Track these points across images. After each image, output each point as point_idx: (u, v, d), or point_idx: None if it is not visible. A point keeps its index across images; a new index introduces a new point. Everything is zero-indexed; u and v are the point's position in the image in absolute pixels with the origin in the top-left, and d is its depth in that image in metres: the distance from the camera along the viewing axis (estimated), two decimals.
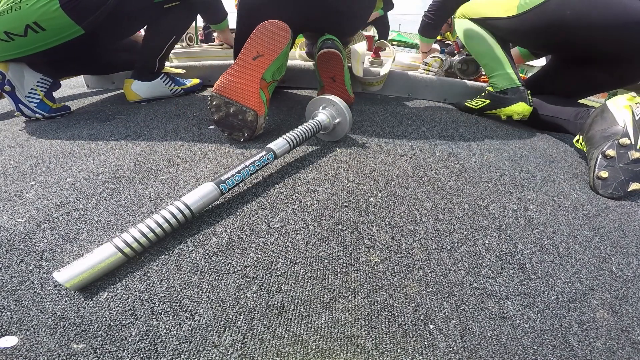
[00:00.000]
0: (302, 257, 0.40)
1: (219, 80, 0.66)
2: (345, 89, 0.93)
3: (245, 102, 0.66)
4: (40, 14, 0.69)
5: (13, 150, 0.66)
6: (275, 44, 0.71)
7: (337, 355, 0.30)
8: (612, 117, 0.73)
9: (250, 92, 0.67)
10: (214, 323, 0.32)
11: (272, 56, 0.70)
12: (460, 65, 1.32)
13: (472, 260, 0.43)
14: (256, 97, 0.66)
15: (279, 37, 0.71)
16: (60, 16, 0.70)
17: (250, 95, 0.67)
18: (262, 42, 0.70)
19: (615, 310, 0.38)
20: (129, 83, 0.97)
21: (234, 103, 0.66)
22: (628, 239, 0.52)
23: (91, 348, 0.29)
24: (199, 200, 0.43)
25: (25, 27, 0.70)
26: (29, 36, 0.71)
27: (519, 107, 0.98)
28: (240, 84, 0.67)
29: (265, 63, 0.69)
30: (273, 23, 0.72)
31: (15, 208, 0.47)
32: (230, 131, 0.71)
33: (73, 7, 0.70)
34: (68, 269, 0.33)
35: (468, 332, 0.33)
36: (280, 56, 0.72)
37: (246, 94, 0.67)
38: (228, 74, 0.67)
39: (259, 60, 0.69)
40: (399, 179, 0.60)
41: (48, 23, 0.70)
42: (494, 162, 0.72)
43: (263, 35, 0.71)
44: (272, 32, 0.71)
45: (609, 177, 0.64)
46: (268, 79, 0.72)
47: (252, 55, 0.69)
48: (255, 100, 0.66)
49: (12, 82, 0.80)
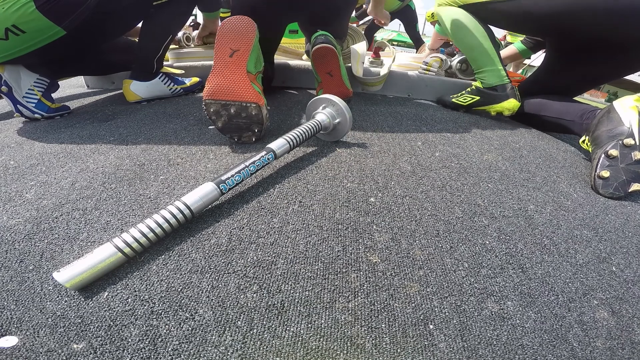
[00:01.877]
0: (302, 257, 0.40)
1: (206, 86, 0.65)
2: (343, 83, 0.93)
3: (243, 98, 0.64)
4: (17, 17, 0.68)
5: (13, 150, 0.66)
6: (245, 36, 0.69)
7: (337, 355, 0.30)
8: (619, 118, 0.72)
9: (243, 87, 0.65)
10: (214, 323, 0.32)
11: (247, 48, 0.68)
12: (460, 65, 1.32)
13: (472, 260, 0.43)
14: (251, 90, 0.65)
15: (245, 29, 0.69)
16: (38, 18, 0.69)
17: (244, 89, 0.65)
18: (231, 38, 0.68)
19: (615, 310, 0.38)
20: (127, 83, 0.97)
21: (232, 103, 0.65)
22: (628, 239, 0.52)
23: (91, 348, 0.29)
24: (199, 200, 0.43)
25: (4, 30, 0.69)
26: (11, 39, 0.70)
27: (510, 103, 0.99)
28: (229, 83, 0.65)
29: (243, 56, 0.67)
30: (234, 19, 0.69)
31: (15, 208, 0.47)
32: (239, 134, 0.69)
33: (50, 8, 0.69)
34: (68, 269, 0.33)
35: (468, 332, 0.33)
36: (255, 47, 0.70)
37: (240, 90, 0.65)
38: (213, 77, 0.65)
39: (236, 56, 0.67)
40: (399, 179, 0.60)
41: (27, 25, 0.69)
42: (494, 162, 0.72)
43: (229, 31, 0.68)
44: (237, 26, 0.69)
45: (610, 177, 0.64)
46: (253, 70, 0.70)
47: (227, 53, 0.67)
48: (251, 93, 0.65)
49: (8, 83, 0.80)
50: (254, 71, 0.70)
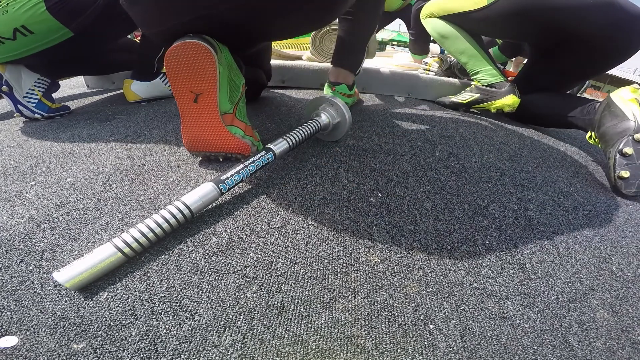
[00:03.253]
0: (302, 257, 0.40)
1: (182, 137, 0.58)
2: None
3: (225, 149, 0.58)
4: (27, 18, 0.68)
5: (13, 150, 0.66)
6: (204, 74, 0.51)
7: (337, 355, 0.30)
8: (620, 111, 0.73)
9: (221, 137, 0.56)
10: (214, 323, 0.32)
11: (212, 88, 0.52)
12: (459, 65, 1.32)
13: (472, 260, 0.43)
14: (230, 138, 0.56)
15: (201, 62, 0.50)
16: (48, 19, 0.70)
17: (223, 140, 0.57)
18: (187, 78, 0.52)
19: (615, 310, 0.38)
20: (128, 83, 0.97)
21: (217, 153, 0.59)
22: (628, 239, 0.52)
23: (91, 348, 0.29)
24: (199, 200, 0.43)
25: (13, 30, 0.69)
26: (18, 39, 0.71)
27: (510, 99, 0.99)
28: (203, 134, 0.56)
29: (210, 100, 0.53)
30: (182, 48, 0.49)
31: (15, 208, 0.47)
32: None
33: (60, 9, 0.70)
34: (68, 269, 0.33)
35: (468, 332, 0.33)
36: (222, 80, 0.54)
37: (218, 141, 0.57)
38: (184, 128, 0.57)
39: (201, 100, 0.53)
40: (399, 179, 0.60)
41: (36, 26, 0.70)
42: (494, 162, 0.72)
43: (181, 69, 0.51)
44: (189, 61, 0.50)
45: (631, 176, 0.64)
46: (229, 107, 0.57)
47: (189, 97, 0.54)
48: (231, 142, 0.57)
49: (9, 83, 0.80)
50: (230, 108, 0.58)
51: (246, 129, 0.59)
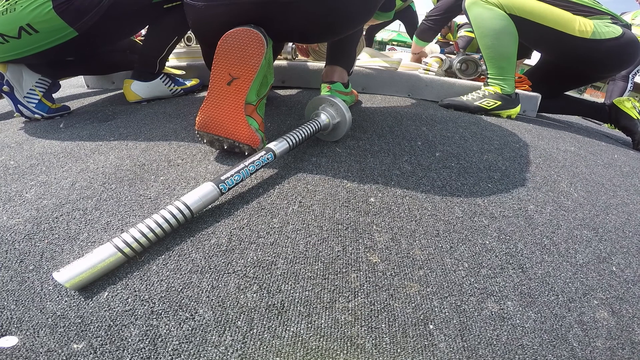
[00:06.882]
0: (302, 257, 0.40)
1: (198, 115, 0.59)
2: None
3: (236, 137, 0.58)
4: (33, 17, 0.68)
5: (13, 150, 0.66)
6: (250, 60, 0.55)
7: (337, 355, 0.30)
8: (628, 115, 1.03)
9: (237, 124, 0.57)
10: (214, 323, 0.32)
11: (250, 76, 0.55)
12: (460, 65, 1.32)
13: (472, 260, 0.43)
14: (245, 128, 0.57)
15: (251, 50, 0.54)
16: (53, 18, 0.70)
17: (238, 127, 0.57)
18: (232, 61, 0.55)
19: (615, 310, 0.38)
20: (128, 83, 0.97)
21: (224, 139, 0.59)
22: (628, 239, 0.52)
23: (91, 348, 0.29)
24: (199, 200, 0.43)
25: (18, 29, 0.69)
26: (23, 38, 0.71)
27: (517, 109, 1.12)
28: (222, 117, 0.57)
29: (243, 86, 0.56)
30: (240, 32, 0.53)
31: (15, 208, 0.47)
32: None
33: (65, 9, 0.70)
34: (68, 269, 0.33)
35: (468, 332, 0.33)
36: (260, 72, 0.57)
37: (233, 127, 0.57)
38: (206, 107, 0.58)
39: (235, 85, 0.56)
40: (399, 179, 0.60)
41: (41, 25, 0.70)
42: (494, 162, 0.72)
43: (231, 51, 0.55)
44: (241, 45, 0.54)
45: None
46: (254, 100, 0.60)
47: (225, 80, 0.56)
48: (245, 132, 0.57)
49: (10, 83, 0.80)
50: (255, 100, 0.60)
51: (261, 125, 0.62)
